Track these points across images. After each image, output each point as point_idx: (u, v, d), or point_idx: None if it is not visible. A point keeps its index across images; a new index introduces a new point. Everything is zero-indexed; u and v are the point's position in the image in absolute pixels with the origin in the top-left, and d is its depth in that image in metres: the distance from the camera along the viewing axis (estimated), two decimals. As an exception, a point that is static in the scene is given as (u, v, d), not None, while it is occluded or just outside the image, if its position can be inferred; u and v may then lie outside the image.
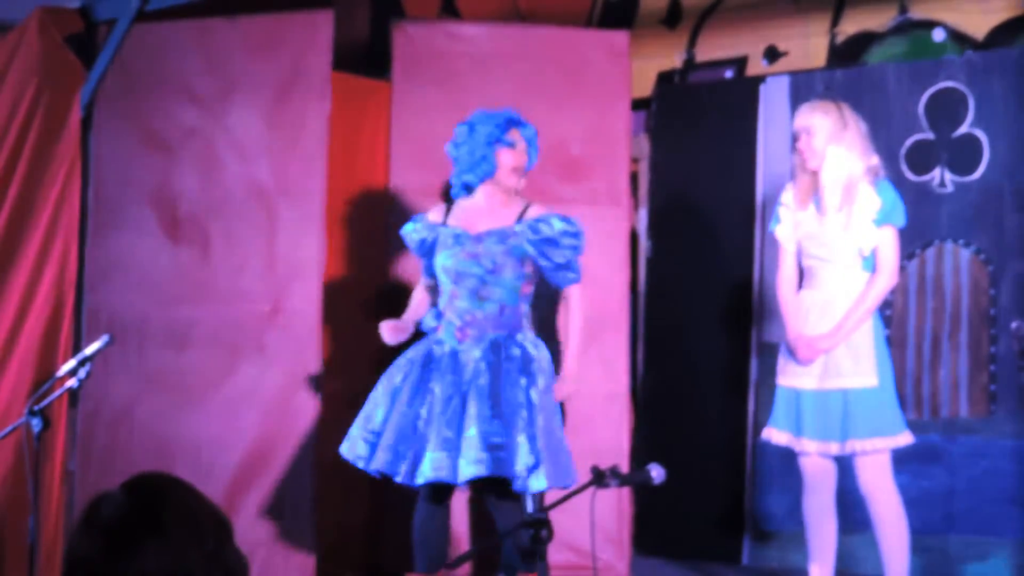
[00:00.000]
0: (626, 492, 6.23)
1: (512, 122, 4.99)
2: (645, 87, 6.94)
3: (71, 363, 4.52)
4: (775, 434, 5.04)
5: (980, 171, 5.91)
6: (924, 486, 5.74)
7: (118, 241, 5.97)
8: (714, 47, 6.92)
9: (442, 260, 4.89)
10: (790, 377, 4.99)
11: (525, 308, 4.89)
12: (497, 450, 4.55)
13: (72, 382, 4.50)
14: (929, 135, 6.00)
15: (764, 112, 6.47)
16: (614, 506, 6.18)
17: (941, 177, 5.97)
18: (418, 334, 5.07)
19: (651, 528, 6.57)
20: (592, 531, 4.80)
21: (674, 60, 7.05)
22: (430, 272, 5.04)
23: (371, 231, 6.39)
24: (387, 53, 6.43)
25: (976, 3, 6.17)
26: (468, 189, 5.00)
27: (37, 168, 5.78)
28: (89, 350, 4.50)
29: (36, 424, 4.43)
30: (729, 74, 6.89)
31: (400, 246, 6.37)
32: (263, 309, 5.99)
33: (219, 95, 6.06)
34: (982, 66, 5.93)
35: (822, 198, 4.95)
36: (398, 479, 4.76)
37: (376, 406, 4.84)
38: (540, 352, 4.81)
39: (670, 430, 6.55)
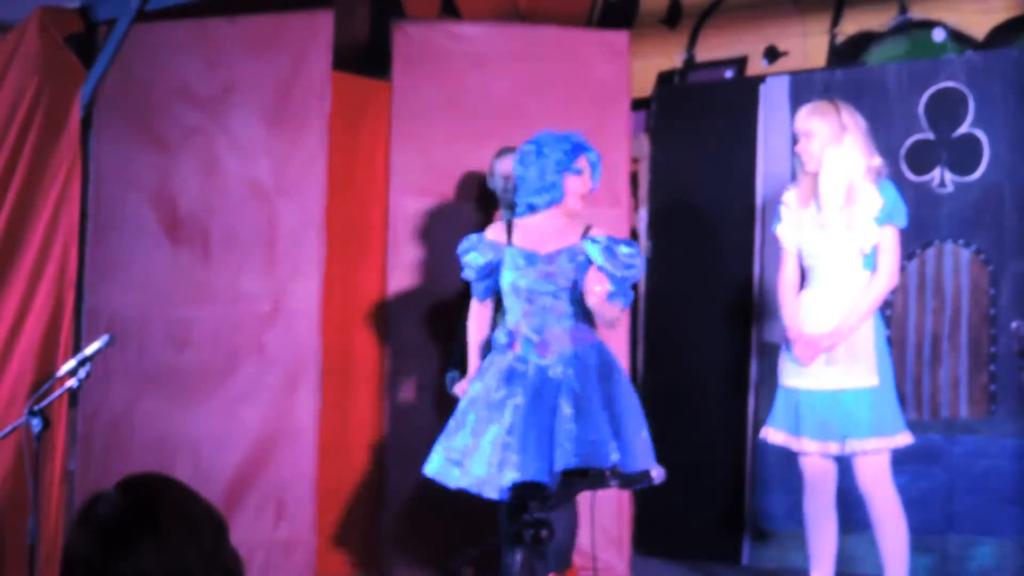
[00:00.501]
0: (626, 492, 6.23)
1: (580, 148, 5.07)
2: (645, 87, 6.94)
3: (71, 363, 4.51)
4: (773, 434, 5.04)
5: (980, 171, 5.90)
6: (924, 486, 5.74)
7: (118, 241, 5.97)
8: (714, 47, 6.92)
9: (513, 278, 4.97)
10: (790, 377, 4.99)
11: (591, 319, 5.02)
12: (591, 446, 4.69)
13: (72, 382, 4.50)
14: (929, 135, 6.00)
15: (764, 112, 6.46)
16: (614, 506, 6.18)
17: (941, 177, 5.97)
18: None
19: (651, 528, 6.57)
20: (592, 531, 4.82)
21: (674, 60, 7.05)
22: (489, 292, 5.13)
23: (371, 231, 6.39)
24: (387, 53, 6.43)
25: (976, 3, 6.17)
26: (532, 209, 5.07)
27: (37, 168, 5.77)
28: (89, 350, 4.50)
29: (36, 424, 4.43)
30: (729, 74, 6.89)
31: (400, 246, 6.38)
32: (263, 309, 5.99)
33: (219, 95, 6.06)
34: (982, 66, 5.93)
35: (821, 200, 4.95)
36: (487, 494, 4.85)
37: (458, 428, 4.93)
38: (612, 357, 4.97)
39: (670, 430, 6.54)
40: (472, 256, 5.08)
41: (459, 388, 5.19)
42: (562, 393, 4.81)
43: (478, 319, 5.22)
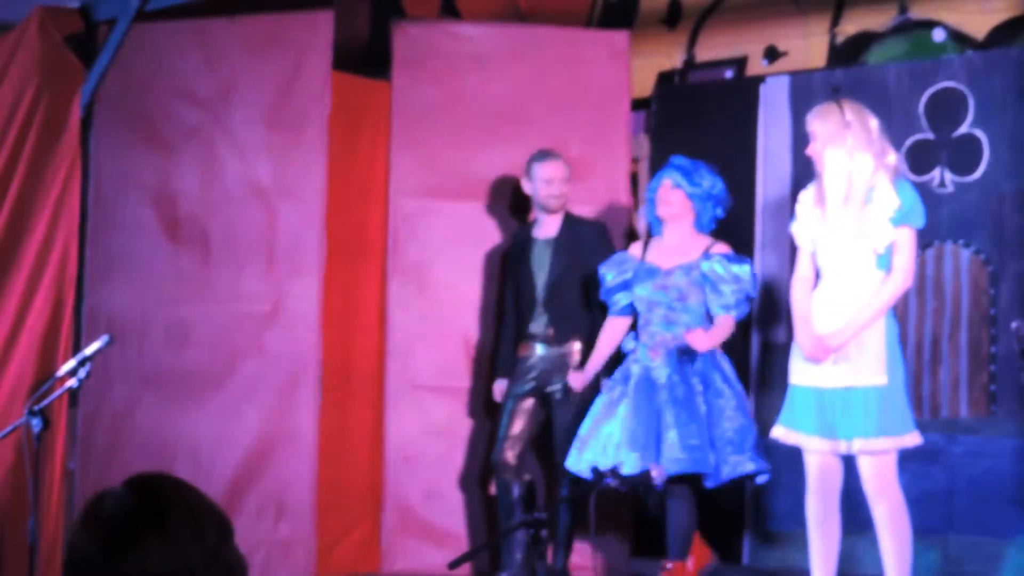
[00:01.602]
0: (626, 492, 6.23)
1: (658, 176, 5.73)
2: (645, 87, 6.93)
3: (71, 363, 4.52)
4: (783, 432, 5.00)
5: (980, 171, 5.90)
6: (924, 486, 5.73)
7: (118, 241, 5.97)
8: (714, 47, 6.91)
9: (639, 291, 5.60)
10: (800, 375, 4.95)
11: (709, 328, 5.52)
12: (694, 451, 5.31)
13: (72, 382, 4.51)
14: (929, 135, 5.99)
15: (764, 112, 6.46)
16: (614, 506, 6.18)
17: (941, 177, 5.96)
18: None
19: (651, 528, 6.56)
20: (592, 531, 4.83)
21: (674, 60, 7.04)
22: (624, 308, 5.69)
23: (371, 231, 6.39)
24: (387, 53, 6.43)
25: (976, 3, 6.16)
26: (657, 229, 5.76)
27: (37, 168, 5.77)
28: (89, 350, 4.50)
29: (36, 424, 4.43)
30: (729, 74, 6.89)
31: (400, 246, 6.37)
32: (263, 309, 5.99)
33: (219, 95, 6.06)
34: (982, 66, 5.93)
35: (826, 199, 4.93)
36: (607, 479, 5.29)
37: (587, 422, 5.59)
38: (721, 364, 5.53)
39: (670, 430, 6.54)
40: (608, 273, 5.68)
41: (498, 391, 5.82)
42: (667, 398, 5.39)
43: (609, 332, 5.74)
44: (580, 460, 5.49)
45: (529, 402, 5.94)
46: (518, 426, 5.94)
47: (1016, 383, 5.72)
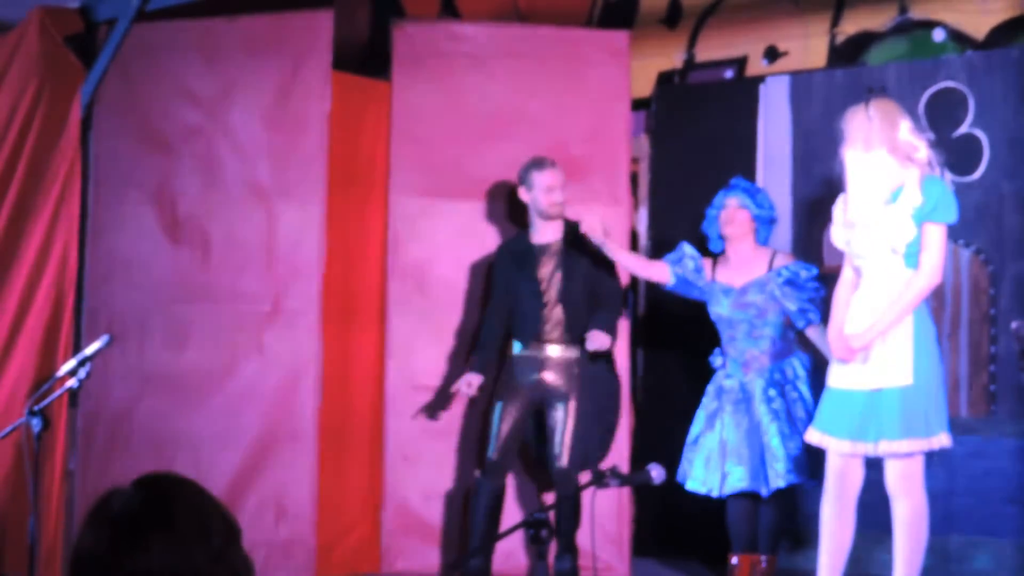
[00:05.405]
0: (626, 492, 6.23)
1: (722, 195, 5.87)
2: (645, 87, 6.94)
3: (71, 363, 4.52)
4: (813, 435, 4.96)
5: (980, 171, 5.91)
6: (924, 486, 5.73)
7: (118, 241, 5.97)
8: (714, 47, 6.92)
9: (717, 310, 5.82)
10: (834, 378, 4.93)
11: (791, 335, 5.77)
12: (798, 462, 5.55)
13: (72, 382, 4.51)
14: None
15: (764, 112, 6.46)
16: (614, 506, 6.18)
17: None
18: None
19: (651, 528, 6.57)
20: (592, 531, 4.84)
21: (674, 60, 7.05)
22: (681, 279, 5.87)
23: (371, 231, 6.39)
24: (387, 53, 6.44)
25: (976, 3, 6.17)
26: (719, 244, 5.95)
27: (37, 168, 5.77)
28: (89, 350, 4.50)
29: (36, 424, 4.43)
30: (729, 74, 6.90)
31: (400, 246, 6.38)
32: (263, 309, 5.99)
33: (219, 95, 6.06)
34: (982, 66, 5.93)
35: (849, 199, 4.92)
36: (713, 494, 5.70)
37: (690, 439, 5.82)
38: (802, 370, 5.72)
39: (670, 430, 6.54)
40: (690, 260, 5.85)
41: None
42: (764, 409, 5.62)
43: (653, 265, 5.95)
44: (692, 477, 5.72)
45: (523, 405, 5.93)
46: (509, 427, 5.94)
47: (1016, 383, 5.72)
